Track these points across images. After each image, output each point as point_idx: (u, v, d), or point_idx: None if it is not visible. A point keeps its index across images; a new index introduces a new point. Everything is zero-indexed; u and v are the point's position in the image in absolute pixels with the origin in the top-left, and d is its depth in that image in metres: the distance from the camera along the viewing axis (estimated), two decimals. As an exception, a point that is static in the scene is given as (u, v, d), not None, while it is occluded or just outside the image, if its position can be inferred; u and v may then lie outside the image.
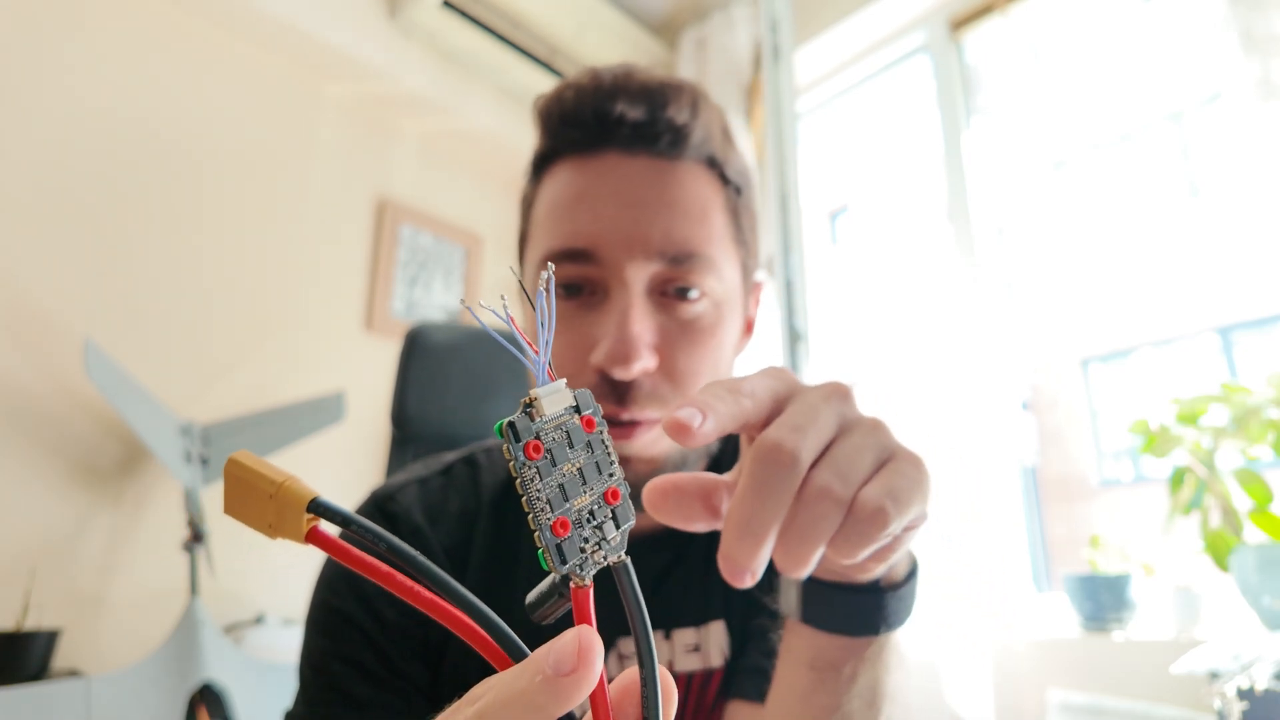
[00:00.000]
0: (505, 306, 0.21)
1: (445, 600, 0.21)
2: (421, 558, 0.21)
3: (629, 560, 0.22)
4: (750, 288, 0.58)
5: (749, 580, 0.26)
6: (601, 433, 0.22)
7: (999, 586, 1.45)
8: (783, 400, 0.29)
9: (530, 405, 0.21)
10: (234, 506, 0.21)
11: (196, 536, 1.31)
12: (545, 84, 2.03)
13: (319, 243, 1.80)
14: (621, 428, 0.49)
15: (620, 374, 0.47)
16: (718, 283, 0.51)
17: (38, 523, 1.33)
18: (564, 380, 0.21)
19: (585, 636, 0.19)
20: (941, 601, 1.47)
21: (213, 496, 1.42)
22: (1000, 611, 1.42)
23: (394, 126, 1.99)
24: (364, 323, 1.85)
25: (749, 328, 0.60)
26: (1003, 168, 1.83)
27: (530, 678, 0.18)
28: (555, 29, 1.96)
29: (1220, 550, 1.11)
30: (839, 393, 0.30)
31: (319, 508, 0.20)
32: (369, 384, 1.80)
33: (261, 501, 0.20)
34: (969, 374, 1.60)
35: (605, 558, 0.21)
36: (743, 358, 0.59)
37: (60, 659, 1.25)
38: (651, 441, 0.50)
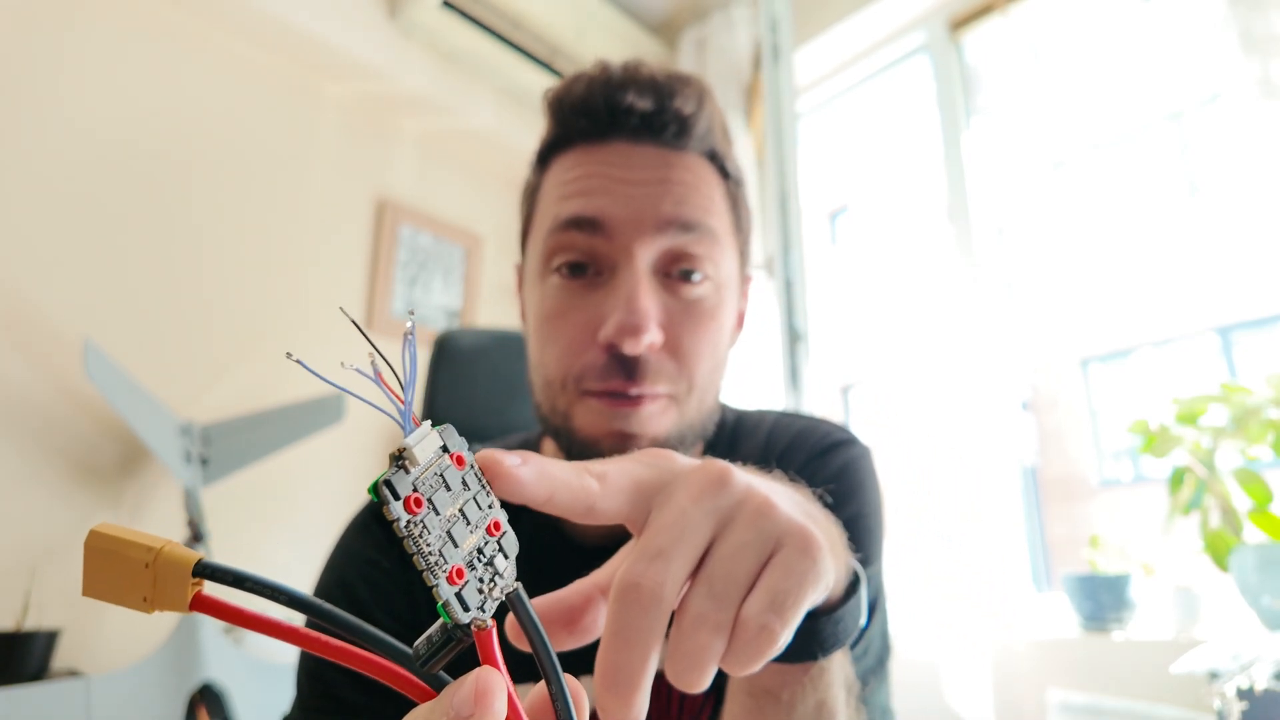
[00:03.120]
0: (374, 362, 0.20)
1: (357, 643, 0.20)
2: (327, 605, 0.20)
3: (520, 586, 0.22)
4: (744, 280, 0.59)
5: None
6: (473, 467, 0.21)
7: (999, 586, 1.45)
8: (649, 493, 0.27)
9: (402, 457, 0.20)
10: (98, 585, 0.19)
11: (197, 536, 1.31)
12: (545, 84, 2.02)
13: (319, 243, 1.80)
14: (628, 401, 0.49)
15: (630, 348, 0.48)
16: (720, 262, 0.53)
17: (38, 523, 1.33)
18: (429, 422, 0.21)
19: (483, 680, 0.19)
20: (941, 601, 1.47)
21: (213, 497, 1.42)
22: (1000, 611, 1.42)
23: (394, 126, 1.99)
24: (364, 323, 1.85)
25: (740, 321, 0.60)
26: (1003, 168, 1.83)
27: (439, 718, 0.19)
28: (555, 29, 1.96)
29: (1220, 550, 1.11)
30: (712, 482, 0.27)
31: (207, 570, 0.19)
32: (369, 385, 1.80)
33: (134, 573, 0.18)
34: (969, 374, 1.60)
35: (502, 592, 0.21)
36: (736, 352, 0.60)
37: (60, 659, 1.25)
38: (655, 416, 0.50)
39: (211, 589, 0.20)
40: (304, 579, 0.56)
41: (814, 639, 0.32)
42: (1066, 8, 1.94)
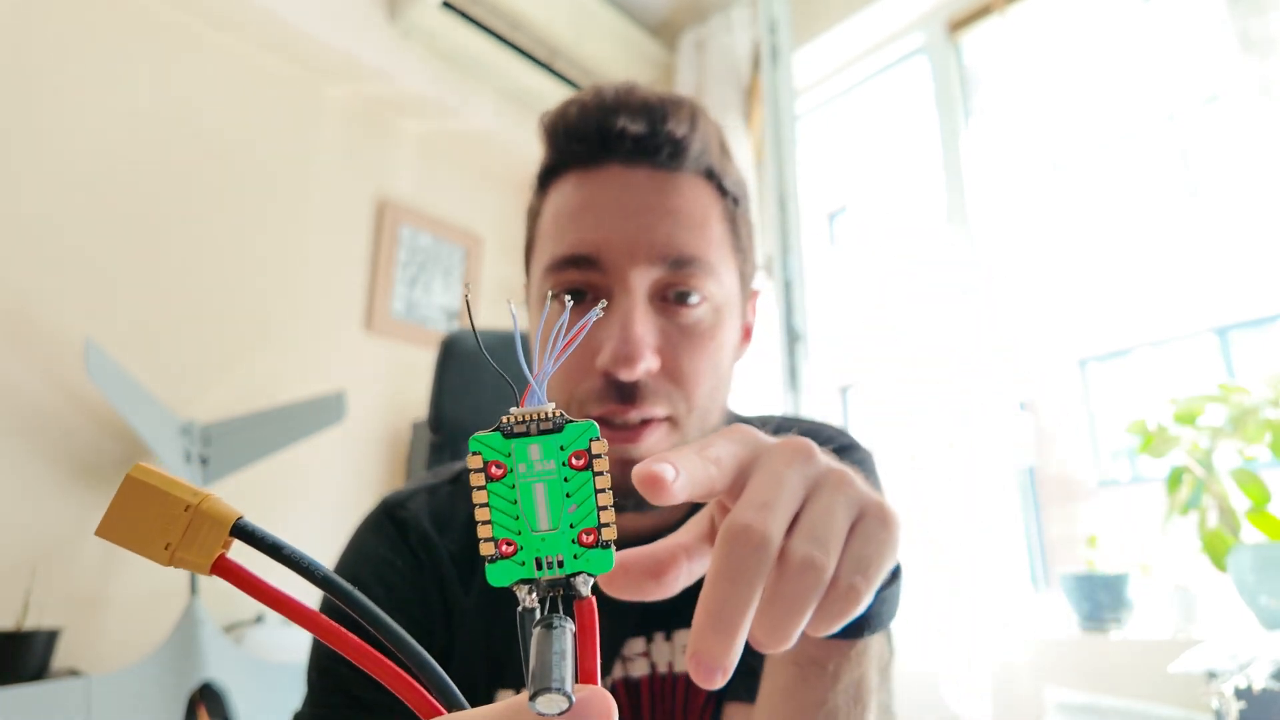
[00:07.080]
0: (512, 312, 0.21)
1: (383, 639, 0.19)
2: (357, 593, 0.19)
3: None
4: (748, 295, 0.59)
5: (719, 679, 0.24)
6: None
7: (998, 586, 1.45)
8: (746, 466, 0.29)
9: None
10: (121, 526, 0.17)
11: (196, 536, 1.31)
12: (545, 85, 2.04)
13: (319, 243, 1.80)
14: (628, 430, 0.50)
15: (625, 375, 0.48)
16: (717, 287, 0.53)
17: (38, 523, 1.33)
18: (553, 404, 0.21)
19: (610, 701, 0.17)
20: (941, 601, 1.47)
21: (213, 496, 1.42)
22: (999, 611, 1.42)
23: (394, 127, 1.99)
24: (364, 323, 1.85)
25: (747, 335, 0.61)
26: (1001, 168, 1.84)
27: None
28: (555, 30, 1.97)
29: (1218, 550, 1.12)
30: (801, 453, 0.29)
31: (243, 531, 0.18)
32: (369, 384, 1.80)
33: (169, 517, 0.17)
34: (968, 374, 1.60)
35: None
36: (742, 364, 0.60)
37: (60, 659, 1.25)
38: (657, 443, 0.50)
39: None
40: (304, 579, 0.56)
41: (862, 616, 0.33)
42: (1065, 8, 1.95)
